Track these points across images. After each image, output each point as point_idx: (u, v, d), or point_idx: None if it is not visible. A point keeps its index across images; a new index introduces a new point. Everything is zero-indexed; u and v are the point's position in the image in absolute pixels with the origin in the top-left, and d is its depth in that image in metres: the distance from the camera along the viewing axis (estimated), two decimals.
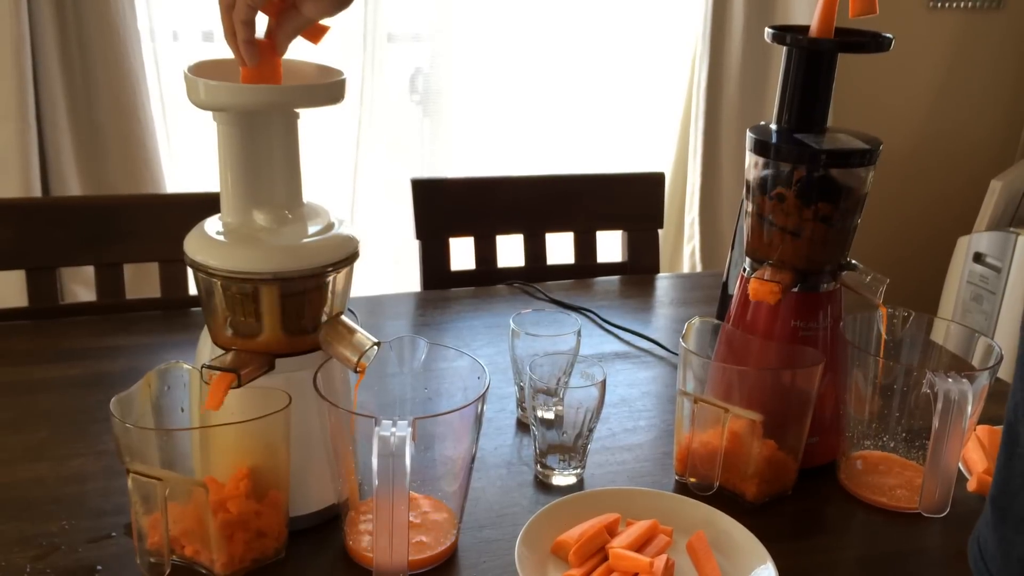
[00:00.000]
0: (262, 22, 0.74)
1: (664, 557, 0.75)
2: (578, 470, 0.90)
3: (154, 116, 1.93)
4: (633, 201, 1.55)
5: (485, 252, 1.48)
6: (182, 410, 0.77)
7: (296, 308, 0.75)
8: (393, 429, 0.67)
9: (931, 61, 2.60)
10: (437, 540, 0.78)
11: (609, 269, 1.53)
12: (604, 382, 0.87)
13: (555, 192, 1.53)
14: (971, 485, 0.91)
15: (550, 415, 0.88)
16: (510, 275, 1.45)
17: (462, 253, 1.48)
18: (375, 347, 0.75)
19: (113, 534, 0.79)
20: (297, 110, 0.76)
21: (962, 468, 0.93)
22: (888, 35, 0.85)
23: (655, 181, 1.57)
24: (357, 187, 2.19)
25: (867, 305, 0.90)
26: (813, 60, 0.87)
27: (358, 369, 0.74)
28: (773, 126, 0.90)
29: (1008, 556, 0.52)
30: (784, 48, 0.88)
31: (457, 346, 0.83)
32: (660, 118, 2.41)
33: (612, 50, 2.33)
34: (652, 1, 2.31)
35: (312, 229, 0.77)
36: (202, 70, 0.73)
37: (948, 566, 0.82)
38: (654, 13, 2.32)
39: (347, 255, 0.76)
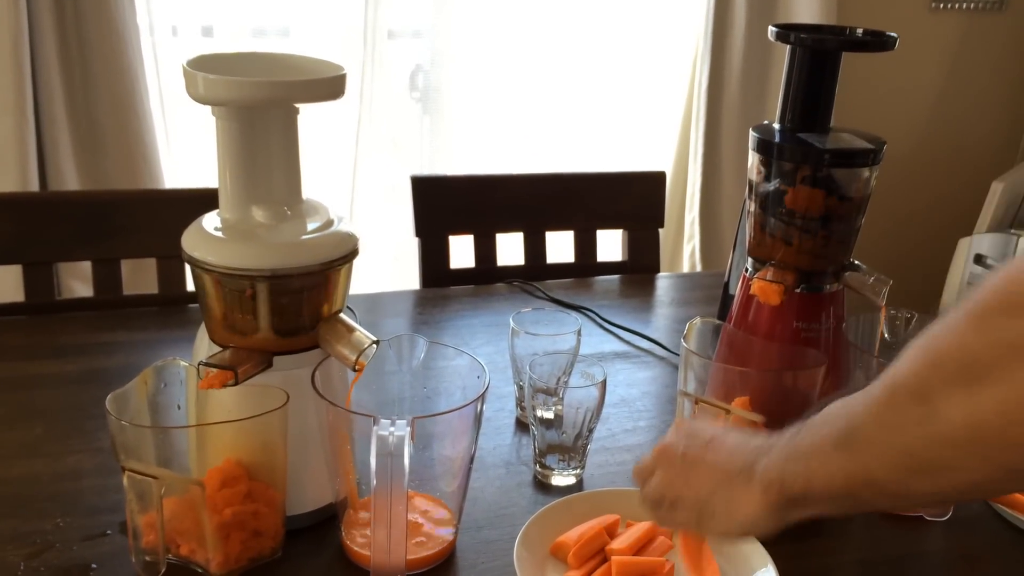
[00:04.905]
0: None
1: (664, 560, 0.75)
2: (578, 470, 0.90)
3: (152, 111, 1.92)
4: (634, 200, 1.54)
5: (485, 250, 1.47)
6: (178, 407, 0.77)
7: (294, 305, 0.74)
8: (392, 428, 0.66)
9: (933, 62, 2.59)
10: (435, 540, 0.77)
11: (609, 268, 1.52)
12: (604, 382, 0.87)
13: (555, 190, 1.53)
14: None
15: (550, 415, 0.88)
16: (510, 273, 1.44)
17: (462, 251, 1.47)
18: (374, 345, 0.74)
19: (108, 532, 0.78)
20: (297, 105, 0.75)
21: None
22: (892, 34, 0.84)
23: (656, 180, 1.56)
24: (356, 184, 2.18)
25: (869, 306, 0.89)
26: (817, 59, 0.86)
27: (357, 367, 0.73)
28: (776, 125, 0.89)
29: None
30: (787, 47, 0.87)
31: (456, 344, 0.83)
32: (661, 116, 2.40)
33: (613, 48, 2.32)
34: None
35: (311, 226, 0.76)
36: (201, 64, 0.73)
37: (950, 569, 0.81)
38: (656, 11, 2.32)
39: (346, 252, 0.76)
